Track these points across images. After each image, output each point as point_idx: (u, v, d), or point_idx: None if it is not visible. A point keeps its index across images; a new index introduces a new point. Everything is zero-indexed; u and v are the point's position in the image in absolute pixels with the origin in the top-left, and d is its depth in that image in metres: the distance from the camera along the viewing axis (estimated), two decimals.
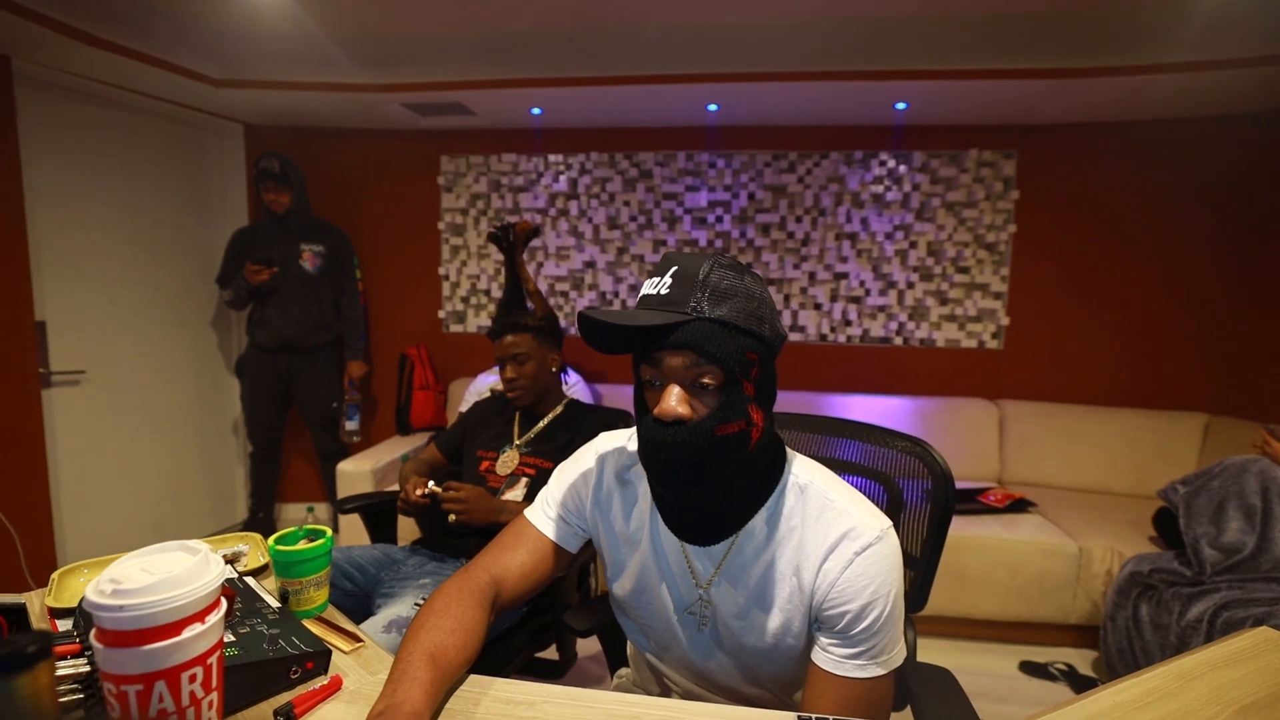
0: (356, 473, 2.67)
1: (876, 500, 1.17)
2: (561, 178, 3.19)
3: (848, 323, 3.09)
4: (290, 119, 3.11)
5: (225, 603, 0.65)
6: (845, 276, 3.06)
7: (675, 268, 0.74)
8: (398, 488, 1.63)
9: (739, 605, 0.84)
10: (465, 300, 3.33)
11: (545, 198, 3.21)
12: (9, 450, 2.28)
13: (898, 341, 3.07)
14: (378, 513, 1.83)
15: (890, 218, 3.00)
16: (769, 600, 0.82)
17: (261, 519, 3.06)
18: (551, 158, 3.19)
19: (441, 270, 3.32)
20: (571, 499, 0.93)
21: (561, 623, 1.41)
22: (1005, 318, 2.98)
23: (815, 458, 1.22)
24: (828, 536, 0.78)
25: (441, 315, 3.35)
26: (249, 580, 0.97)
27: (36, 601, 0.97)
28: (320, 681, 0.78)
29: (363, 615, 1.42)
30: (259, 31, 2.44)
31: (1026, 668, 2.17)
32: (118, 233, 2.70)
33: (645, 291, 0.76)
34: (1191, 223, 2.80)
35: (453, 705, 0.73)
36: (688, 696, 0.96)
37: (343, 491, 2.64)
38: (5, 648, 0.45)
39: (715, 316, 0.71)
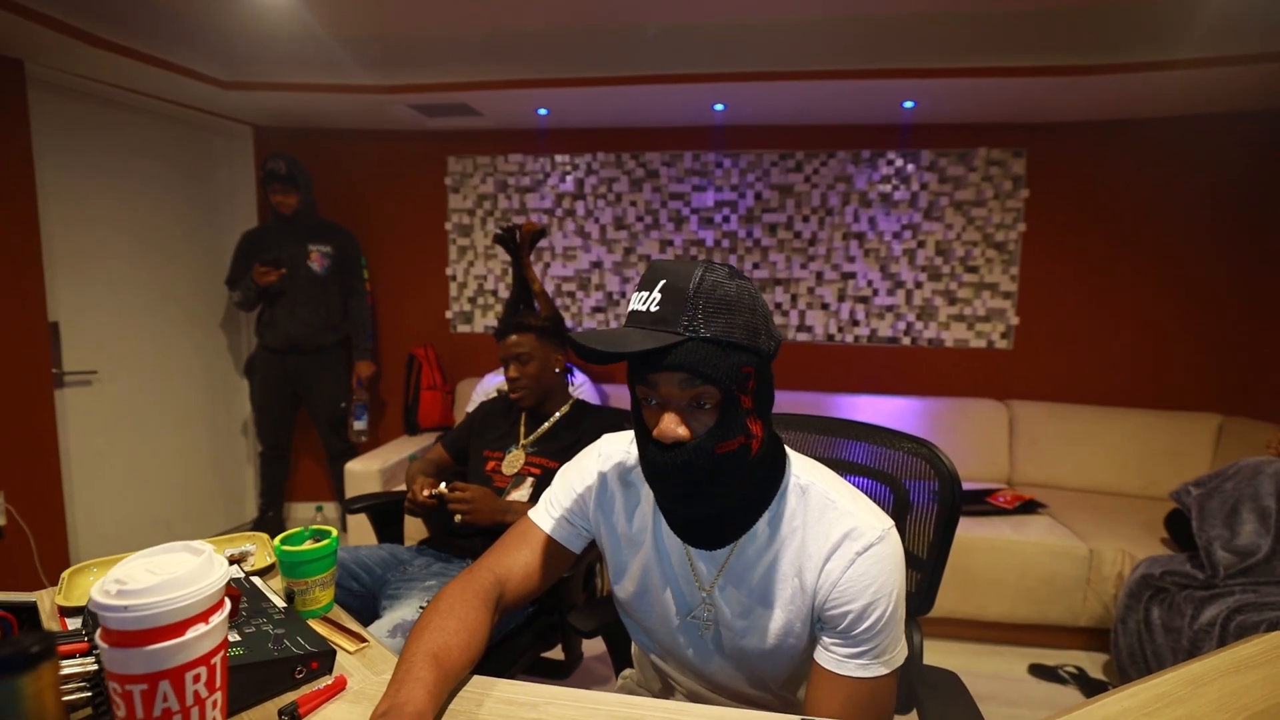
0: (364, 472, 2.68)
1: (883, 502, 1.17)
2: (568, 178, 3.20)
3: (855, 323, 3.08)
4: (298, 121, 3.13)
5: (229, 603, 0.66)
6: (853, 276, 3.05)
7: (664, 280, 0.72)
8: (405, 488, 1.64)
9: (742, 607, 0.84)
10: (472, 301, 3.34)
11: (552, 198, 3.22)
12: (23, 449, 2.31)
13: (906, 341, 3.05)
14: (385, 513, 1.84)
15: (898, 217, 2.98)
16: (771, 601, 0.82)
17: (271, 518, 3.09)
18: (558, 158, 3.19)
19: (449, 271, 3.33)
20: (574, 500, 0.93)
21: (567, 623, 1.41)
22: (1015, 317, 2.95)
23: (822, 459, 1.22)
24: (829, 537, 0.78)
25: (449, 316, 3.36)
26: (255, 580, 0.98)
27: (47, 600, 0.98)
28: (325, 681, 0.78)
29: (369, 615, 1.43)
30: (267, 34, 2.45)
31: (1036, 670, 2.16)
32: (128, 234, 2.72)
33: (634, 307, 0.74)
34: (1204, 221, 2.76)
35: (456, 706, 0.73)
36: (691, 696, 0.96)
37: (351, 491, 2.66)
38: (8, 647, 0.45)
39: (709, 335, 0.69)
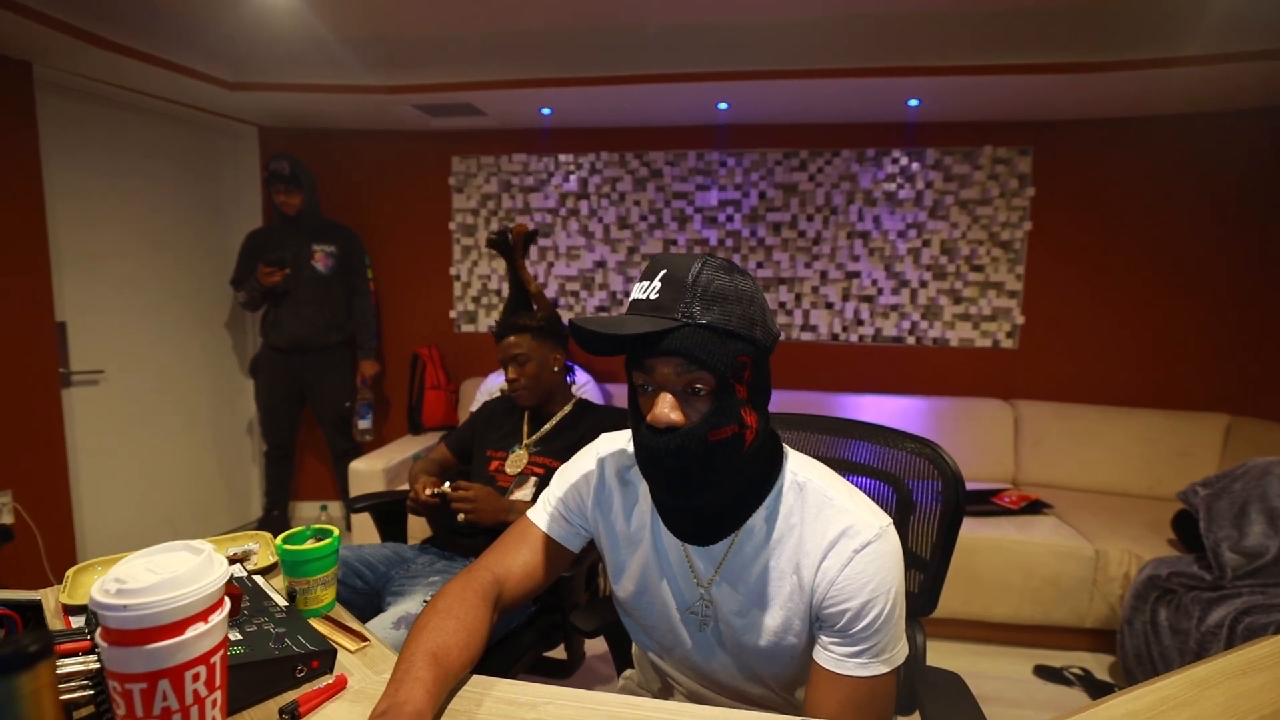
0: (369, 471, 2.69)
1: (886, 502, 1.16)
2: (572, 177, 3.20)
3: (860, 322, 3.06)
4: (303, 121, 3.14)
5: (229, 602, 0.66)
6: (857, 275, 3.04)
7: (664, 271, 0.73)
8: (408, 487, 1.64)
9: (740, 604, 0.84)
10: (476, 300, 3.34)
11: (555, 198, 3.22)
12: (31, 448, 2.33)
13: (910, 341, 3.04)
14: (388, 512, 1.84)
15: (903, 216, 2.97)
16: (769, 599, 0.82)
17: (276, 517, 3.10)
18: (562, 158, 3.19)
19: (453, 270, 3.34)
20: (573, 499, 0.93)
21: (569, 623, 1.41)
22: (1020, 316, 2.94)
23: (825, 459, 1.21)
24: (827, 534, 0.78)
25: (453, 315, 3.37)
26: (257, 579, 0.98)
27: (52, 598, 0.98)
28: (325, 680, 0.78)
29: (373, 613, 1.43)
30: (271, 35, 2.46)
31: (1041, 672, 2.14)
32: (135, 234, 2.74)
33: (635, 296, 0.75)
34: (1211, 219, 2.74)
35: (455, 705, 0.73)
36: (691, 696, 0.96)
37: (355, 490, 2.67)
38: (6, 647, 0.45)
39: (705, 322, 0.71)
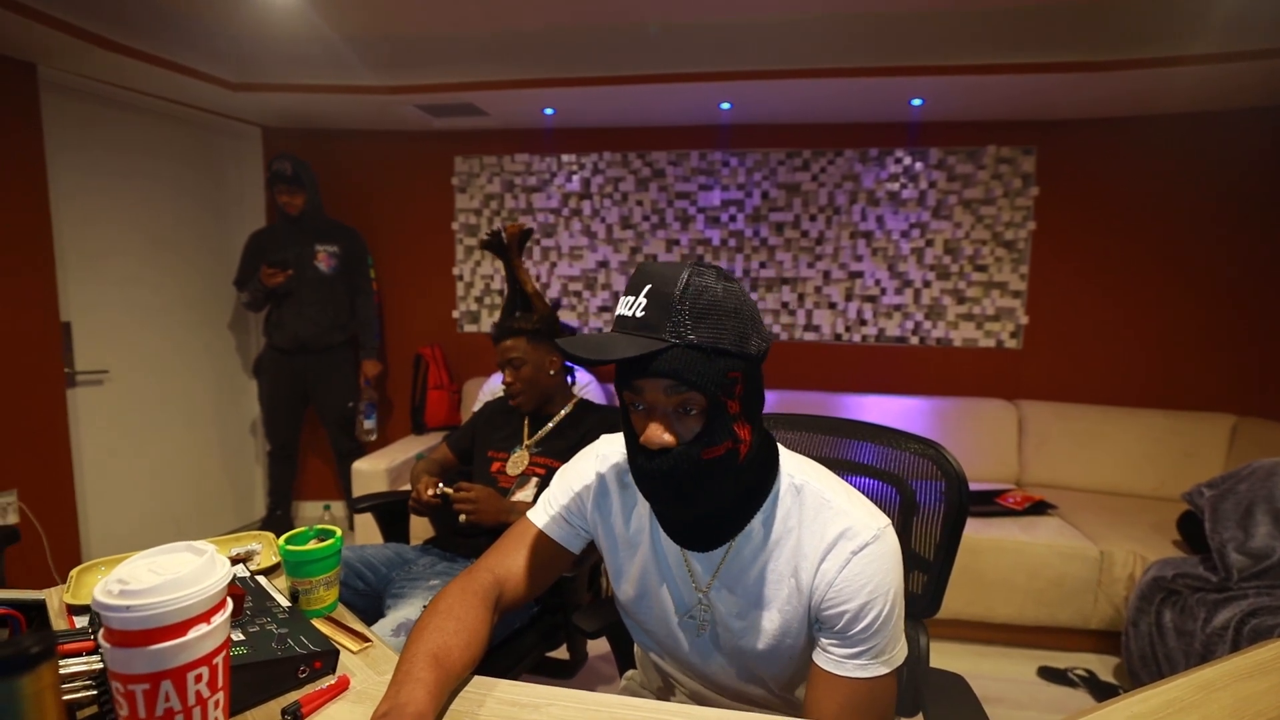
0: (372, 472, 2.69)
1: (890, 502, 1.16)
2: (574, 177, 3.19)
3: (863, 322, 3.06)
4: (306, 121, 3.14)
5: (231, 603, 0.66)
6: (860, 275, 3.03)
7: (650, 285, 0.71)
8: (410, 487, 1.64)
9: (738, 608, 0.84)
10: (479, 300, 3.35)
11: (558, 197, 3.22)
12: (36, 448, 2.33)
13: (914, 341, 3.03)
14: (390, 512, 1.84)
15: (906, 215, 2.96)
16: (768, 602, 0.82)
17: (279, 516, 3.11)
18: (564, 157, 3.19)
19: (455, 270, 3.34)
20: (573, 500, 0.93)
21: (572, 623, 1.41)
22: (1024, 316, 2.93)
23: (828, 459, 1.21)
24: (824, 536, 0.78)
25: (455, 315, 3.37)
26: (260, 579, 0.98)
27: (56, 597, 0.98)
28: (328, 681, 0.78)
29: (375, 613, 1.43)
30: (274, 35, 2.47)
31: (1045, 673, 2.13)
32: (139, 235, 2.75)
33: (621, 312, 0.73)
34: (1216, 218, 2.72)
35: (457, 706, 0.73)
36: (693, 697, 0.96)
37: (358, 490, 2.67)
38: (8, 648, 0.45)
39: (693, 342, 0.69)
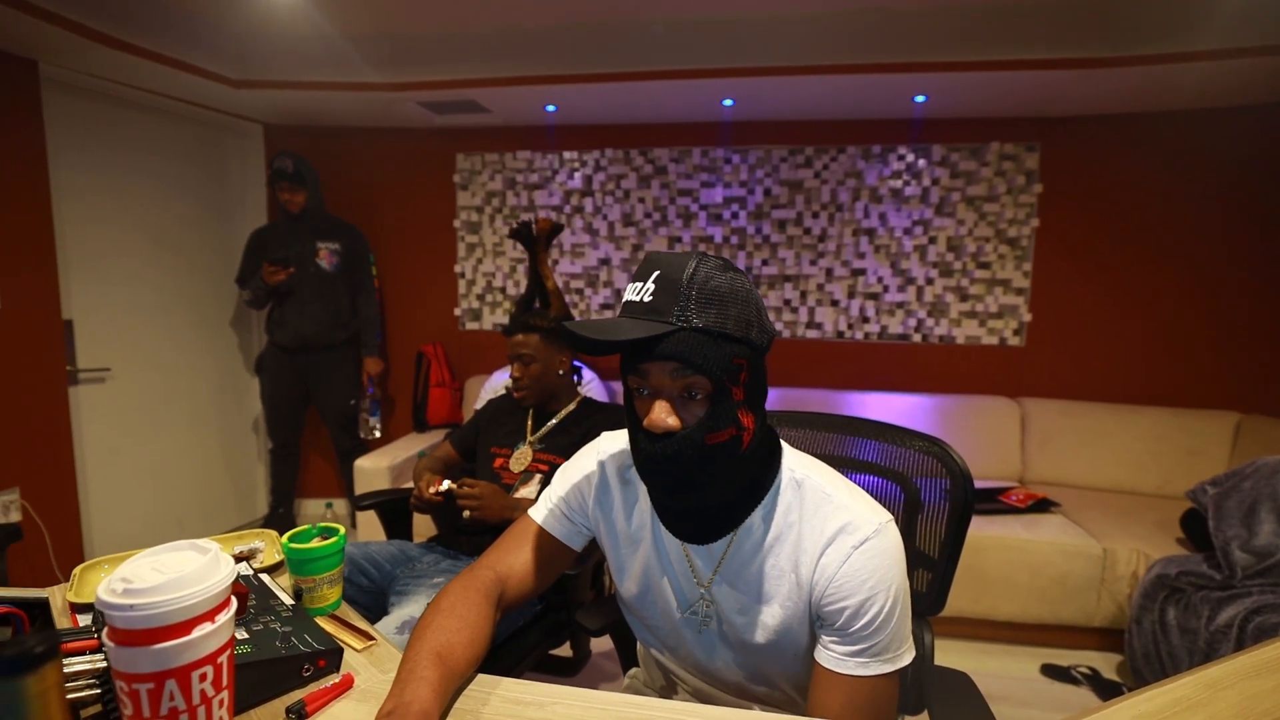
0: (374, 469, 2.69)
1: (894, 500, 1.16)
2: (576, 174, 3.19)
3: (865, 319, 3.05)
4: (308, 119, 3.14)
5: (235, 602, 0.66)
6: (863, 273, 3.02)
7: (657, 271, 0.72)
8: (413, 484, 1.64)
9: (740, 603, 0.83)
10: (481, 298, 3.34)
11: (560, 195, 3.21)
12: (38, 446, 2.34)
13: (916, 338, 3.02)
14: (393, 509, 1.84)
15: (909, 213, 2.95)
16: (769, 597, 0.81)
17: (282, 514, 3.11)
18: (566, 154, 3.19)
19: (457, 268, 3.34)
20: (574, 497, 0.93)
21: (575, 621, 1.41)
22: (1027, 314, 2.92)
23: (832, 457, 1.21)
24: (825, 531, 0.78)
25: (457, 313, 3.37)
26: (264, 577, 0.98)
27: (59, 596, 0.98)
28: (332, 679, 0.78)
29: (379, 611, 1.44)
30: (276, 32, 2.46)
31: (1048, 671, 2.13)
32: (141, 232, 2.74)
33: (628, 297, 0.74)
34: (1220, 215, 2.71)
35: (461, 704, 0.73)
36: (696, 694, 0.96)
37: (360, 488, 2.67)
38: (13, 648, 0.45)
39: (701, 325, 0.69)
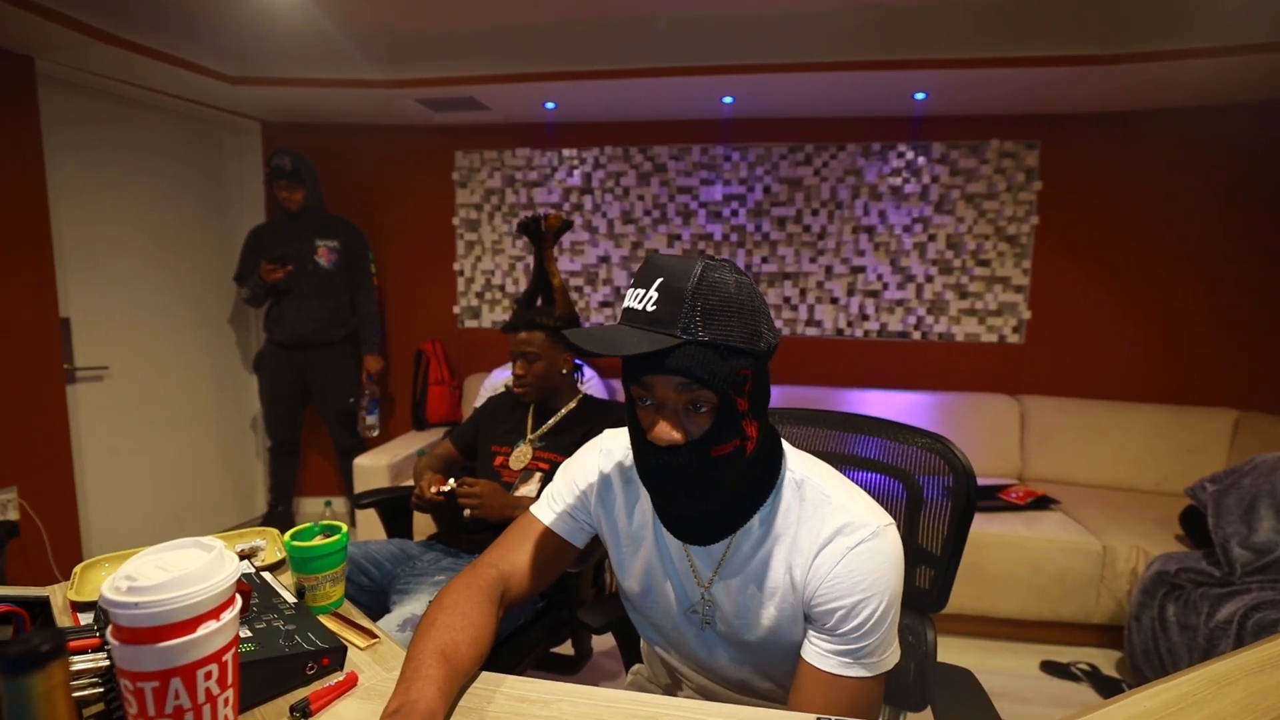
0: (373, 467, 2.69)
1: (896, 497, 1.16)
2: (575, 172, 3.18)
3: (865, 317, 3.05)
4: (306, 116, 3.13)
5: (240, 599, 0.65)
6: (862, 270, 3.02)
7: (661, 279, 0.69)
8: (413, 483, 1.64)
9: (739, 603, 0.83)
10: (480, 296, 3.34)
11: (559, 192, 3.21)
12: (36, 445, 2.33)
13: (916, 336, 3.02)
14: (393, 508, 1.84)
15: (909, 210, 2.95)
16: (766, 596, 0.81)
17: (281, 513, 3.10)
18: (565, 152, 3.18)
19: (456, 266, 3.33)
20: (576, 494, 0.93)
21: (576, 619, 1.40)
22: (1027, 311, 2.92)
23: (834, 455, 1.21)
24: (821, 532, 0.77)
25: (456, 311, 3.36)
26: (266, 575, 0.98)
27: (60, 595, 0.98)
28: (336, 677, 0.78)
29: (379, 610, 1.43)
30: (275, 29, 2.45)
31: (1048, 668, 2.14)
32: (138, 230, 2.73)
33: (630, 304, 0.71)
34: (1219, 213, 2.71)
35: (466, 702, 0.73)
36: (700, 691, 0.96)
37: (360, 486, 2.67)
38: (19, 646, 0.45)
39: (706, 340, 0.67)
